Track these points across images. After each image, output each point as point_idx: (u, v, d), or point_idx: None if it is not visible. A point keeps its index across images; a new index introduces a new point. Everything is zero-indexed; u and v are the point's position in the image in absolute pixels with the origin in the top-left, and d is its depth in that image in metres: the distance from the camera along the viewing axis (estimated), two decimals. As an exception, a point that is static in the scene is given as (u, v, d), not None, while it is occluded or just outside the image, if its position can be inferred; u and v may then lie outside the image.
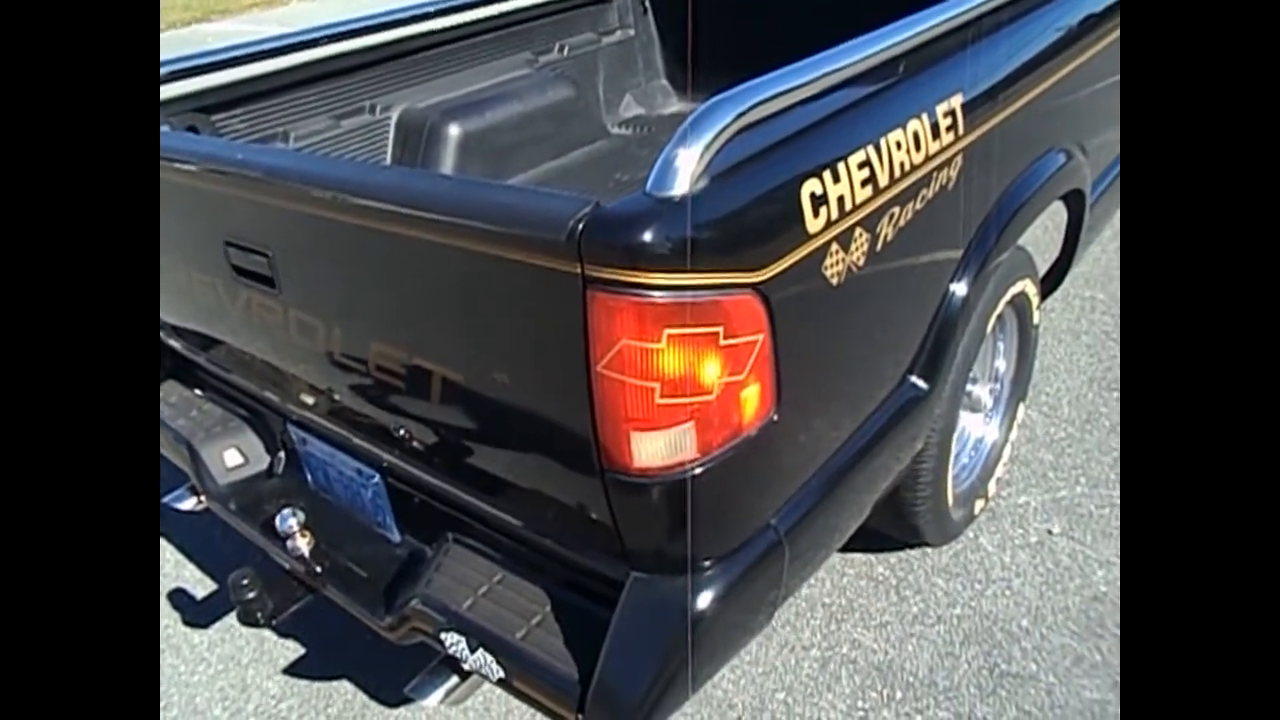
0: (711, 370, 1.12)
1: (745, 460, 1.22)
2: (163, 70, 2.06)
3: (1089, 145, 2.14)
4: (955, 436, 2.18)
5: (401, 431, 1.53)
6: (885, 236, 1.37)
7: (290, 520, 1.74)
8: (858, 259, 1.32)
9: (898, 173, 1.37)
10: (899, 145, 1.38)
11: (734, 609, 1.31)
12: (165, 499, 2.08)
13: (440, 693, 1.49)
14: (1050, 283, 2.41)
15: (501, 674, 1.39)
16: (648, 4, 3.22)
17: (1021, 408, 2.33)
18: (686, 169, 1.08)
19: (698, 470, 1.18)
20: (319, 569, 1.71)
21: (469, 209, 1.14)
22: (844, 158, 1.27)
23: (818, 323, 1.29)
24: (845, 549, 2.24)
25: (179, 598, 2.33)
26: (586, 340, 1.10)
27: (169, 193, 1.61)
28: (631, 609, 1.28)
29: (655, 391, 1.10)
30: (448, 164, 2.52)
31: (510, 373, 1.26)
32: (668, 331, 1.07)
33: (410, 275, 1.31)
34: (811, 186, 1.21)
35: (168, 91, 2.09)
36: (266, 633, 2.19)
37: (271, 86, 2.31)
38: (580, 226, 1.05)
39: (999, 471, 2.29)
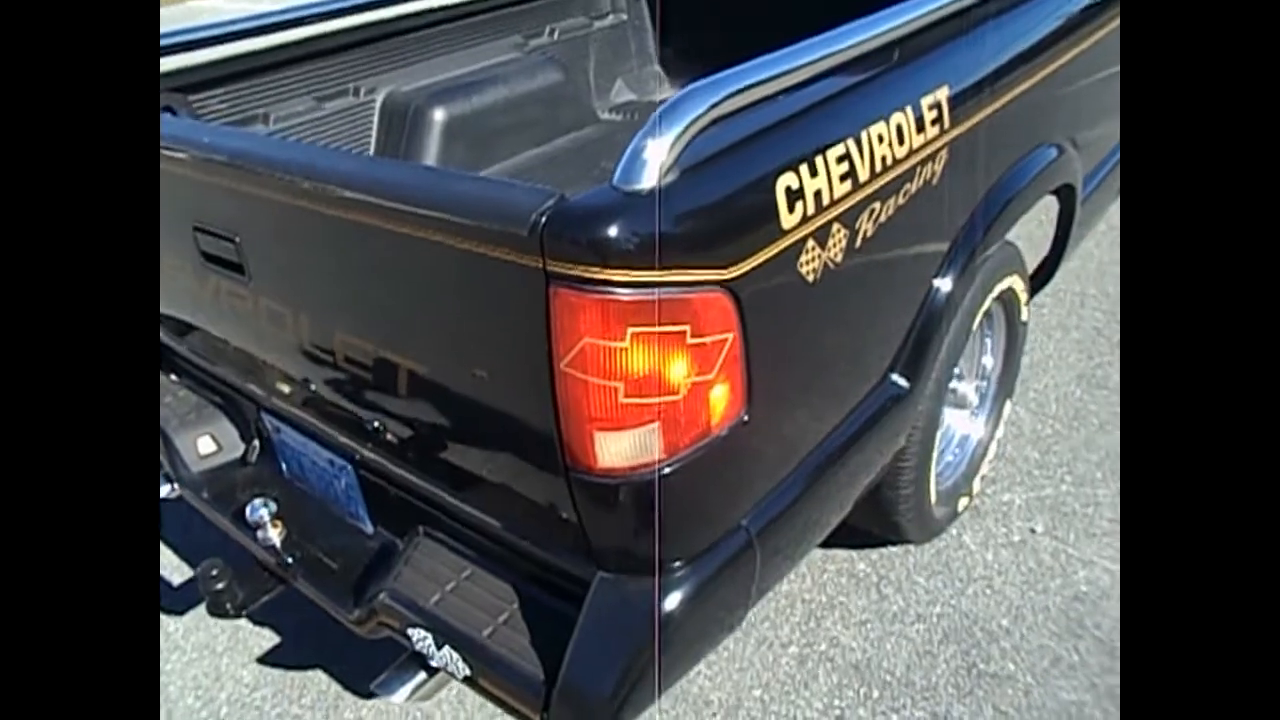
0: (678, 370, 1.09)
1: (714, 461, 1.19)
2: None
3: (1081, 140, 2.10)
4: (939, 434, 2.16)
5: (374, 424, 1.50)
6: (865, 232, 1.34)
7: (261, 510, 1.72)
8: (835, 255, 1.29)
9: (879, 167, 1.34)
10: (881, 139, 1.34)
11: (703, 611, 1.29)
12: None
13: (407, 689, 1.47)
14: (1040, 278, 2.37)
15: (467, 671, 1.37)
16: (641, -13, 3.17)
17: (1009, 404, 2.31)
18: (655, 162, 1.05)
19: (664, 471, 1.15)
20: (290, 560, 1.68)
21: (432, 199, 1.11)
22: (822, 151, 1.24)
23: (792, 321, 1.26)
24: (827, 545, 2.22)
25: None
26: (549, 337, 1.07)
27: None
28: (597, 609, 1.25)
29: (619, 391, 1.08)
30: (432, 149, 2.48)
31: (475, 368, 1.23)
32: (632, 330, 1.05)
33: (376, 266, 1.28)
34: (787, 181, 1.18)
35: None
36: (242, 621, 2.17)
37: (252, 66, 2.26)
38: (543, 220, 1.02)
39: (984, 469, 2.27)
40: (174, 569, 2.36)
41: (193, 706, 1.99)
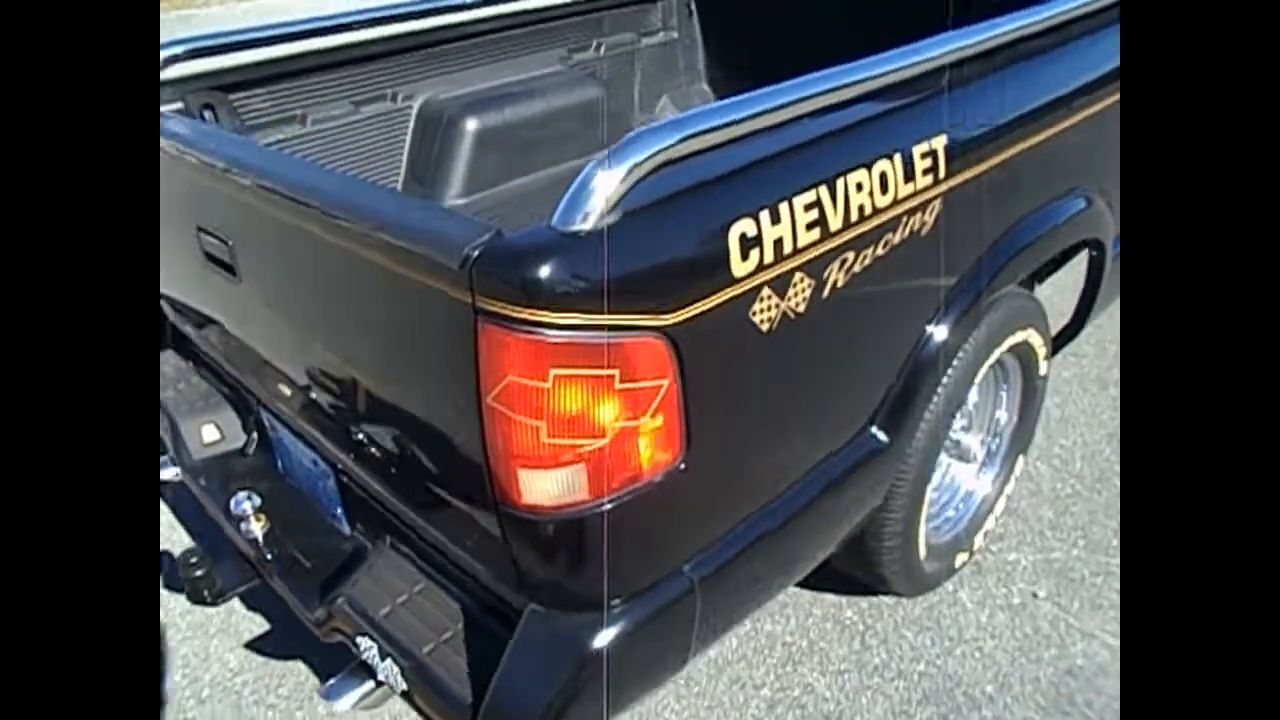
0: (605, 413, 1.08)
1: (648, 505, 1.18)
2: (182, 48, 2.10)
3: (1114, 194, 2.00)
4: (934, 488, 2.09)
5: (351, 432, 1.53)
6: (835, 282, 1.30)
7: (245, 504, 1.77)
8: (797, 305, 1.25)
9: (855, 216, 1.30)
10: (860, 187, 1.31)
11: (635, 652, 1.27)
12: (148, 465, 2.14)
13: (353, 697, 1.49)
14: (1067, 335, 2.27)
15: (404, 686, 1.39)
16: (693, 6, 3.15)
17: (1021, 460, 2.22)
18: (596, 203, 1.04)
19: (591, 512, 1.14)
20: (267, 556, 1.73)
21: (377, 222, 1.13)
22: (788, 198, 1.21)
23: (742, 371, 1.23)
24: (816, 587, 2.17)
25: (160, 561, 2.40)
26: (477, 371, 1.07)
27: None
28: (525, 641, 1.25)
29: (542, 430, 1.07)
30: (462, 157, 2.52)
31: (421, 391, 1.24)
32: (555, 371, 1.04)
33: (336, 282, 1.30)
34: (743, 227, 1.15)
35: (187, 69, 2.14)
36: (236, 604, 2.24)
37: (293, 69, 2.33)
38: (475, 255, 1.02)
39: (989, 525, 2.18)
40: (182, 546, 2.44)
41: (179, 684, 2.06)
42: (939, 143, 1.44)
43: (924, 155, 1.41)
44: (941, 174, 1.44)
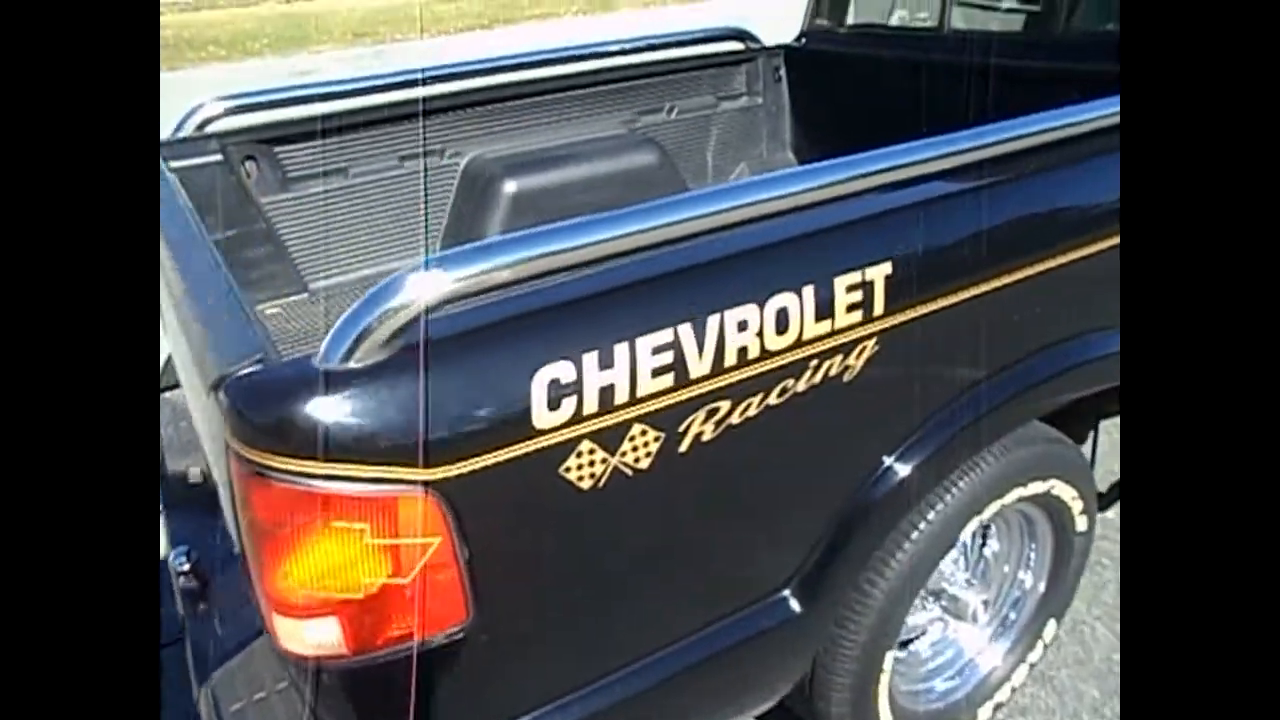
0: (357, 569, 0.97)
1: (430, 665, 1.05)
2: (222, 106, 2.20)
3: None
4: (935, 643, 1.82)
5: None
6: (698, 435, 1.12)
7: (182, 558, 1.78)
8: (635, 461, 1.08)
9: (732, 361, 1.11)
10: (743, 326, 1.12)
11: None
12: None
13: (207, 786, 1.45)
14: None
15: (223, 797, 1.33)
16: (782, 71, 2.97)
17: (1053, 625, 1.87)
18: (365, 339, 0.93)
19: (354, 666, 1.03)
20: (192, 613, 1.73)
21: (197, 317, 1.09)
22: (627, 339, 1.04)
23: (553, 531, 1.07)
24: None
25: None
26: (233, 500, 1.00)
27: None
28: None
29: (286, 578, 0.98)
30: (498, 219, 2.48)
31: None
32: (294, 519, 0.94)
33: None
34: (554, 372, 1.00)
35: (229, 124, 2.24)
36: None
37: (341, 124, 2.39)
38: (224, 382, 0.95)
39: (1003, 695, 1.85)
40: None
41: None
42: (877, 272, 1.21)
43: (850, 288, 1.19)
44: (877, 310, 1.22)
